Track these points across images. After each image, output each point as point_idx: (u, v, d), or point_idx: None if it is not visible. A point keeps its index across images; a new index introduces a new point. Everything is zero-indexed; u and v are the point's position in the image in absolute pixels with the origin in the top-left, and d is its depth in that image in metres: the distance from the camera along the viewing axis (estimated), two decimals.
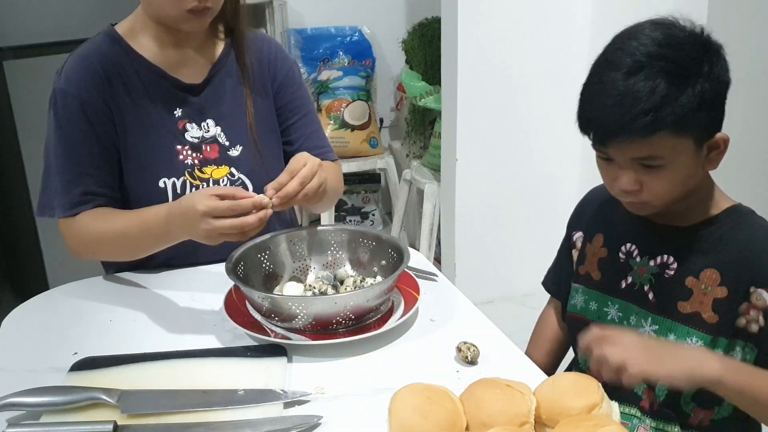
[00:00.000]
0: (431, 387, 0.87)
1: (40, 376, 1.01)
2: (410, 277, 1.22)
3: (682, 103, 1.00)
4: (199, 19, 1.28)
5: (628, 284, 1.17)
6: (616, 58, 1.04)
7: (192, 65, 1.37)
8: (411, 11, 3.33)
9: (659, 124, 1.00)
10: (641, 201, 1.08)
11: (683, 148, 1.03)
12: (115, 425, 0.89)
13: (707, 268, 1.09)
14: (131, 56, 1.33)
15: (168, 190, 1.33)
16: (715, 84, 1.03)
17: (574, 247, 1.30)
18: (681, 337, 1.09)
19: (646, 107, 0.99)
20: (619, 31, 1.08)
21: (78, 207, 1.30)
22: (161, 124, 1.35)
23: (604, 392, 0.86)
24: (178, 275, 1.34)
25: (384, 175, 3.32)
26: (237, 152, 1.39)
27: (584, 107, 1.07)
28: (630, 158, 1.04)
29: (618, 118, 1.01)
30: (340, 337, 1.07)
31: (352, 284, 1.22)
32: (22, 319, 1.22)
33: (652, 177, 1.05)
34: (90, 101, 1.29)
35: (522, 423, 0.84)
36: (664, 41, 1.02)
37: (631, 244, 1.18)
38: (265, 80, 1.43)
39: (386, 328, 1.10)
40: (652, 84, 1.00)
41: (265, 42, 1.47)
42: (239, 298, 1.18)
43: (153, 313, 1.21)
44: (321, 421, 0.90)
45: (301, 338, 1.09)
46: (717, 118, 1.06)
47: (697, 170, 1.07)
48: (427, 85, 2.96)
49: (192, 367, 1.03)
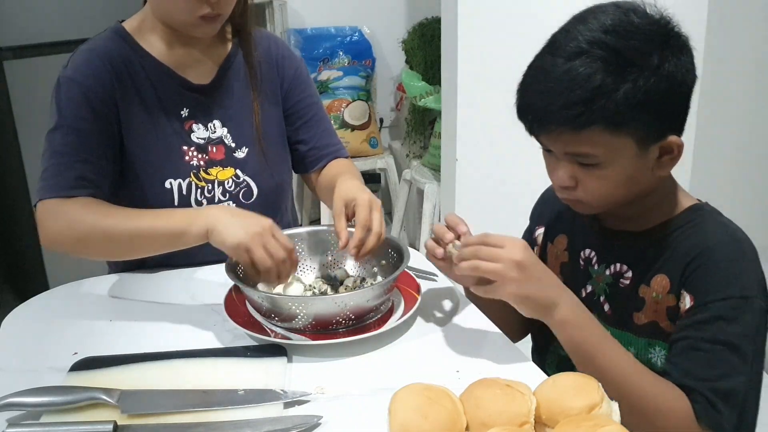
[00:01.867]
0: (431, 387, 0.87)
1: (40, 376, 1.01)
2: (410, 277, 1.22)
3: (618, 98, 0.90)
4: (210, 25, 1.27)
5: (588, 293, 1.12)
6: (560, 40, 0.96)
7: (200, 65, 1.37)
8: (411, 11, 3.33)
9: (590, 118, 0.91)
10: (576, 199, 1.02)
11: (621, 148, 0.94)
12: (115, 425, 0.89)
13: (657, 274, 1.02)
14: (139, 53, 1.32)
15: (174, 190, 1.33)
16: (664, 80, 0.92)
17: (535, 243, 1.24)
18: (641, 350, 1.05)
19: (576, 98, 0.91)
20: (581, 10, 0.99)
21: (70, 190, 1.23)
22: (168, 124, 1.34)
23: (604, 392, 0.86)
24: (178, 275, 1.34)
25: (384, 175, 3.33)
26: (243, 154, 1.38)
27: (519, 92, 1.00)
28: (564, 152, 0.98)
29: (547, 107, 0.94)
30: (340, 337, 1.07)
31: (352, 284, 1.22)
32: (22, 319, 1.22)
33: (588, 175, 0.98)
34: (95, 90, 1.27)
35: (522, 423, 0.84)
36: (612, 27, 0.93)
37: (591, 250, 1.12)
38: (272, 80, 1.43)
39: (386, 328, 1.10)
40: (587, 73, 0.91)
41: (272, 41, 1.47)
42: (239, 298, 1.18)
43: (153, 313, 1.21)
44: (321, 421, 0.90)
45: (301, 338, 1.09)
46: (668, 118, 0.96)
47: (644, 174, 0.99)
48: (427, 85, 2.97)
49: (192, 367, 1.03)
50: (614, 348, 0.99)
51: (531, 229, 1.27)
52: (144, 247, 1.22)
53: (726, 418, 0.95)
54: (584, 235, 1.14)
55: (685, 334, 0.98)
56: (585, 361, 0.99)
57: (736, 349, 0.96)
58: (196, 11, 1.23)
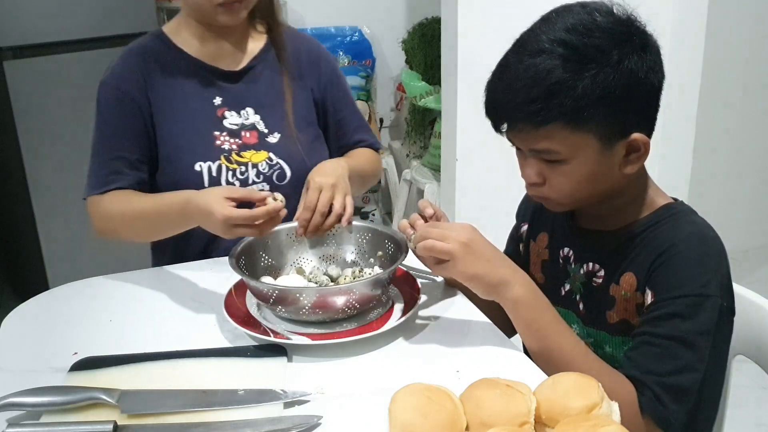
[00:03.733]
0: (431, 387, 0.87)
1: (40, 376, 1.01)
2: (410, 277, 1.23)
3: (577, 94, 0.92)
4: (231, 13, 1.34)
5: (566, 291, 1.13)
6: (525, 39, 0.99)
7: (230, 56, 1.44)
8: (411, 11, 3.33)
9: (550, 114, 0.93)
10: (544, 196, 1.03)
11: (583, 144, 0.96)
12: (115, 425, 0.89)
13: (626, 272, 1.03)
14: (172, 50, 1.42)
15: (204, 173, 1.38)
16: (624, 77, 0.93)
17: (521, 240, 1.25)
18: (617, 348, 1.06)
19: (535, 94, 0.93)
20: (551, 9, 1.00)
21: (104, 186, 1.37)
22: (200, 111, 1.41)
23: (604, 392, 0.86)
24: (178, 275, 1.34)
25: (384, 175, 3.33)
26: (275, 139, 1.44)
27: (486, 89, 1.02)
28: (528, 149, 0.99)
29: (508, 103, 0.96)
30: (341, 337, 1.07)
31: (351, 275, 1.23)
32: (22, 319, 1.22)
33: (553, 172, 0.99)
34: (128, 92, 1.38)
35: (522, 423, 0.84)
36: (573, 26, 0.94)
37: (569, 248, 1.13)
38: (304, 76, 1.49)
39: (386, 328, 1.10)
40: (546, 69, 0.92)
41: (305, 41, 1.54)
42: (239, 298, 1.18)
43: (153, 313, 1.21)
44: (321, 421, 0.90)
45: (301, 338, 1.09)
46: (630, 116, 0.97)
47: (610, 171, 0.99)
48: (427, 85, 2.97)
49: (192, 367, 1.03)
50: (565, 331, 1.01)
51: (517, 227, 1.29)
52: (161, 223, 1.33)
53: (672, 413, 0.95)
54: (563, 233, 1.15)
55: (642, 330, 1.00)
56: (536, 341, 1.01)
57: (690, 346, 0.96)
58: None
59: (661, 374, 0.96)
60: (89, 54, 2.59)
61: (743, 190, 3.15)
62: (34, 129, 2.61)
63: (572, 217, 1.13)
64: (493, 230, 1.37)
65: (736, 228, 3.02)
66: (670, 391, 0.95)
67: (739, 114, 3.08)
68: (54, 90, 2.59)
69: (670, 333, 0.96)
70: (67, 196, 2.65)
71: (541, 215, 1.21)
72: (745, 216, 3.13)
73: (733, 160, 3.10)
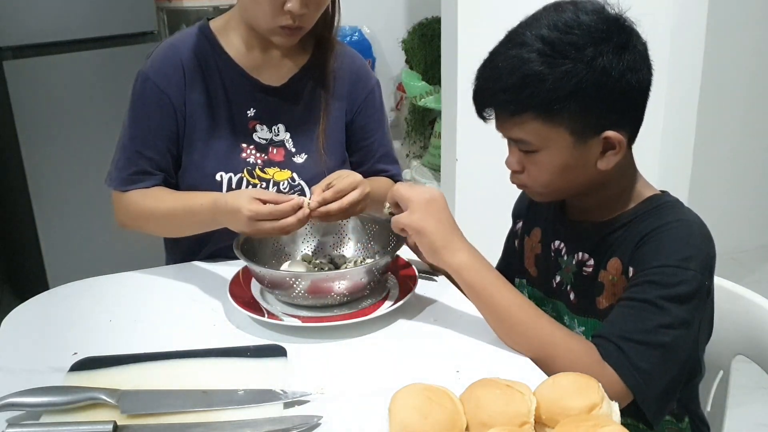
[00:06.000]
0: (431, 387, 0.87)
1: (40, 376, 1.01)
2: (412, 272, 1.24)
3: (547, 87, 0.96)
4: (289, 37, 1.31)
5: (558, 283, 1.16)
6: (513, 32, 1.02)
7: (274, 70, 1.41)
8: (411, 11, 3.33)
9: (522, 104, 0.98)
10: (522, 183, 1.08)
11: (555, 137, 0.99)
12: (115, 425, 0.89)
13: (612, 257, 1.06)
14: (217, 52, 1.38)
15: (223, 183, 1.37)
16: (597, 74, 0.95)
17: (516, 236, 1.28)
18: None
19: (509, 84, 0.98)
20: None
21: (131, 185, 1.36)
22: (232, 120, 1.38)
23: (604, 392, 0.86)
24: (178, 275, 1.34)
25: None
26: (301, 159, 1.42)
27: (475, 76, 1.06)
28: (507, 137, 1.04)
29: (486, 91, 1.02)
30: (331, 321, 1.10)
31: (353, 265, 1.25)
32: (22, 319, 1.22)
33: (529, 161, 1.04)
34: (166, 90, 1.35)
35: (522, 423, 0.84)
36: (555, 23, 0.98)
37: (560, 241, 1.16)
38: (342, 95, 1.46)
39: (377, 314, 1.12)
40: (522, 61, 0.97)
41: (347, 57, 1.49)
42: (245, 280, 1.23)
43: (153, 313, 1.21)
44: (321, 421, 0.90)
45: (292, 320, 1.12)
46: (605, 113, 0.99)
47: (585, 166, 1.02)
48: (427, 85, 2.97)
49: (192, 367, 1.03)
50: (511, 290, 1.05)
51: (513, 224, 1.32)
52: (190, 223, 1.32)
53: (634, 361, 0.96)
54: (554, 226, 1.18)
55: (619, 299, 1.03)
56: (483, 303, 1.05)
57: (660, 309, 0.97)
58: (279, 20, 1.27)
59: (624, 330, 0.98)
60: (89, 54, 2.59)
61: (743, 190, 3.15)
62: (34, 129, 2.61)
63: (563, 210, 1.16)
64: (493, 230, 1.38)
65: (736, 228, 3.03)
66: (632, 342, 0.97)
67: (740, 114, 3.08)
68: (54, 90, 2.59)
69: (641, 297, 0.99)
70: (67, 196, 2.66)
71: (535, 210, 1.24)
72: (745, 216, 3.13)
73: (733, 160, 3.10)
